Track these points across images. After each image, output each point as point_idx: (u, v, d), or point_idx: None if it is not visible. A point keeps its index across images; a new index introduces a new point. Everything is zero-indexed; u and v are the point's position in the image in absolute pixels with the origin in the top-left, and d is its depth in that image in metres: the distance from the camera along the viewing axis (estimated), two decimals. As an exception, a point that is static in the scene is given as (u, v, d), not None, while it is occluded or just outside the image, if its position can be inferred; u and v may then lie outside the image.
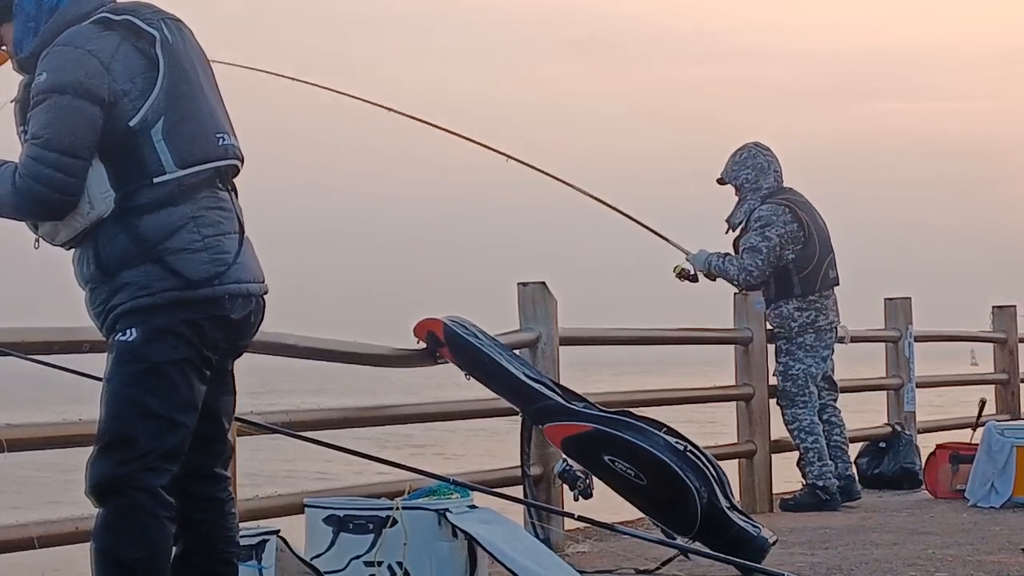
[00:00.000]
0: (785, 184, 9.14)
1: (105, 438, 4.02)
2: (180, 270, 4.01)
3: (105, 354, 4.16)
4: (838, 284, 9.23)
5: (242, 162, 4.23)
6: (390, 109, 8.08)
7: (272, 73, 7.80)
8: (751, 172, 9.03)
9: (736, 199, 9.11)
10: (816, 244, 9.04)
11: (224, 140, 4.15)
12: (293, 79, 7.86)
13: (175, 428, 4.03)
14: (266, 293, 4.24)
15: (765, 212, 8.94)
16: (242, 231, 4.18)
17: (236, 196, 4.24)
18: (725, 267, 8.98)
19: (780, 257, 8.96)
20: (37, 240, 4.20)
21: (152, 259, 4.00)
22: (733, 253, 9.08)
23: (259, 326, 4.27)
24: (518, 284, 7.66)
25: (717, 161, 9.26)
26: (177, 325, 4.02)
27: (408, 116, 8.19)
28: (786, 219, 8.93)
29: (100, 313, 4.10)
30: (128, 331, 4.02)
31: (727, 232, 9.14)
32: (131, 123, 4.00)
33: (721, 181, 9.15)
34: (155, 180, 4.02)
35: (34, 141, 3.99)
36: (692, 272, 9.08)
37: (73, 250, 4.16)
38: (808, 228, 8.98)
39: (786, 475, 9.80)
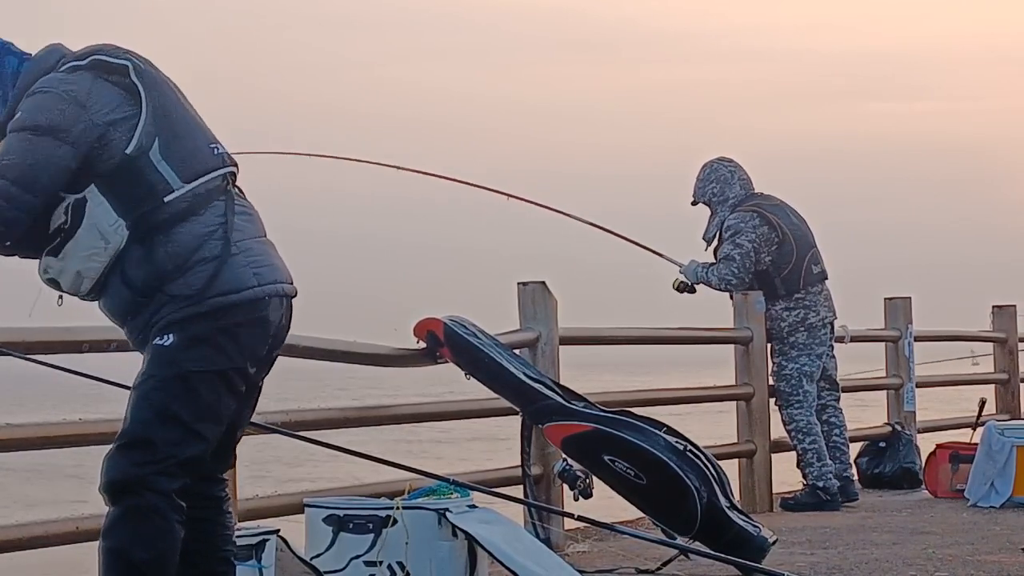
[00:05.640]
0: (757, 190, 9.21)
1: (125, 437, 4.03)
2: (219, 277, 4.01)
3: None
4: (825, 278, 9.25)
5: (237, 168, 4.24)
6: (399, 167, 8.38)
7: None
8: (716, 185, 9.12)
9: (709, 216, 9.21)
10: (792, 243, 9.08)
11: (218, 150, 4.17)
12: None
13: (196, 439, 4.03)
14: (296, 295, 4.25)
15: (733, 221, 9.01)
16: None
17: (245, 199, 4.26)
18: (708, 278, 9.07)
19: (757, 262, 9.01)
20: (60, 297, 4.19)
21: (189, 270, 4.00)
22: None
23: (288, 329, 4.28)
24: (518, 284, 7.67)
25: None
26: (216, 335, 4.01)
27: (420, 172, 8.47)
28: (755, 224, 8.99)
29: (143, 339, 4.09)
30: (166, 336, 4.02)
31: (706, 249, 9.21)
32: (127, 151, 4.01)
33: (694, 203, 9.23)
34: (165, 199, 4.02)
35: None
36: (690, 283, 9.15)
37: (96, 301, 4.15)
38: (781, 229, 9.03)
39: (786, 475, 9.80)
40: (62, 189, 4.01)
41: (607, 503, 7.02)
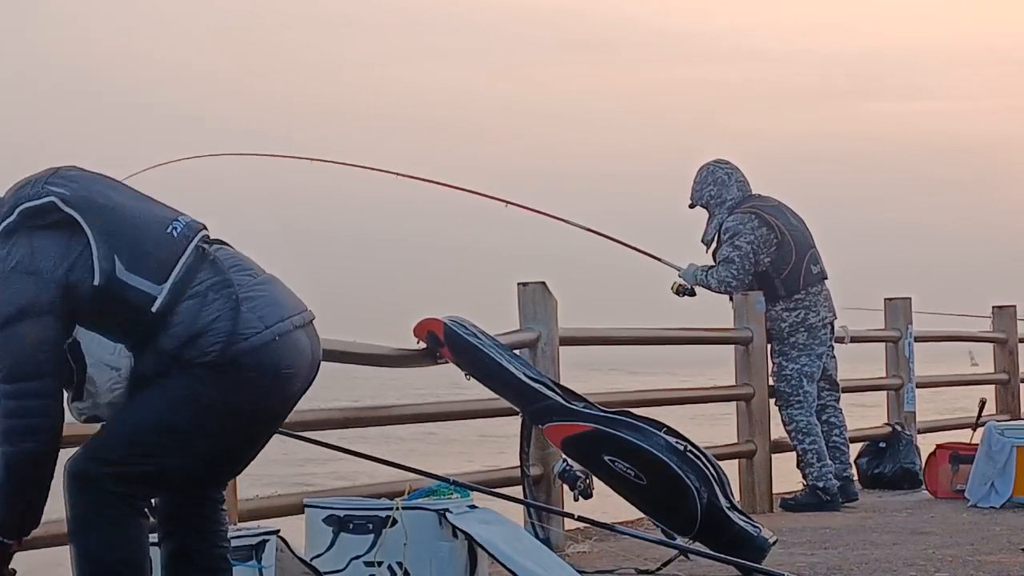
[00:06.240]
0: (755, 191, 9.21)
1: (105, 431, 4.06)
2: (225, 332, 3.98)
3: None
4: (825, 278, 9.25)
5: (205, 227, 4.16)
6: (398, 174, 8.42)
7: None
8: (713, 188, 9.12)
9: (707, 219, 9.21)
10: (791, 244, 9.07)
11: (177, 229, 4.08)
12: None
13: (166, 461, 4.03)
14: (310, 320, 4.21)
15: (731, 223, 9.01)
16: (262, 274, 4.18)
17: (230, 246, 4.23)
18: (708, 281, 9.07)
19: (756, 263, 9.01)
20: (103, 425, 4.16)
21: (199, 336, 3.97)
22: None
23: (320, 352, 4.24)
24: (518, 284, 7.66)
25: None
26: (222, 377, 3.98)
27: (422, 179, 8.51)
28: (753, 225, 8.99)
29: None
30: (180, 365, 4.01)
31: (706, 252, 9.21)
32: (96, 284, 3.95)
33: (692, 205, 9.24)
34: (153, 310, 3.97)
35: None
36: (689, 287, 9.15)
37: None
38: (779, 230, 9.03)
39: (786, 475, 9.81)
40: (65, 357, 3.98)
41: (607, 503, 7.02)
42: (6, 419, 3.95)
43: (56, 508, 4.21)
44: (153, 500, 4.22)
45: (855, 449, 10.22)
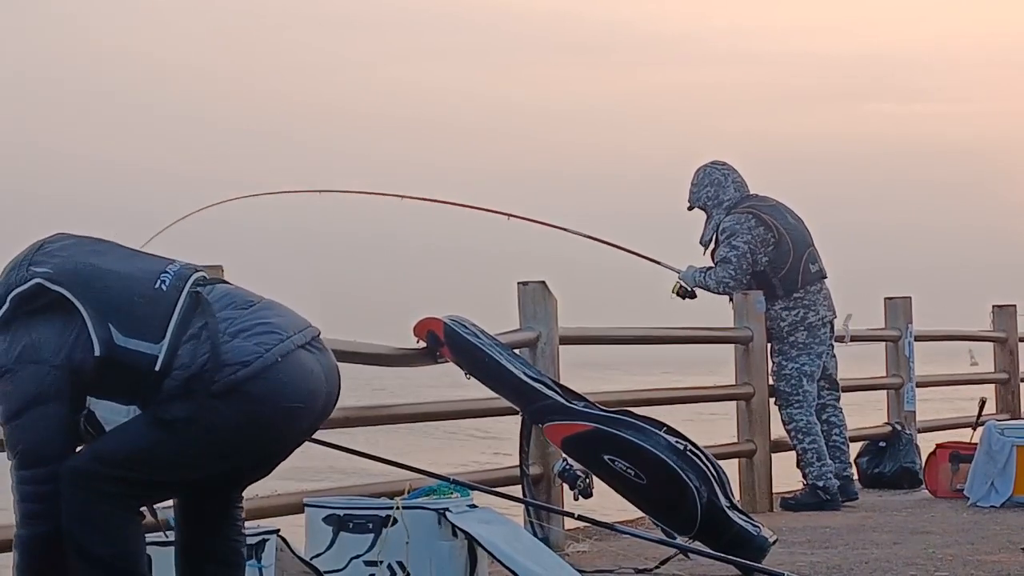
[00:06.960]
0: (753, 191, 9.21)
1: (107, 438, 4.05)
2: (224, 363, 3.97)
3: None
4: (824, 277, 9.26)
5: (199, 269, 4.15)
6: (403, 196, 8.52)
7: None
8: (710, 189, 9.13)
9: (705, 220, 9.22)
10: (789, 243, 9.08)
11: (166, 283, 4.06)
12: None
13: (154, 475, 4.03)
14: (315, 335, 4.19)
15: (728, 223, 9.02)
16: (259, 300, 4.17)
17: (226, 282, 4.22)
18: (706, 282, 9.07)
19: (754, 263, 9.01)
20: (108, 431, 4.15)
21: (199, 374, 3.96)
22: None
23: (332, 364, 4.23)
24: (518, 283, 7.67)
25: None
26: (228, 407, 3.97)
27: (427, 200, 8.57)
28: (750, 225, 8.99)
29: None
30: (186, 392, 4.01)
31: (704, 253, 9.22)
32: (97, 355, 3.95)
33: (690, 207, 9.25)
34: (156, 368, 3.97)
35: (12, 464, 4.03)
36: (689, 289, 9.15)
37: None
38: (776, 229, 9.03)
39: (786, 475, 9.81)
40: (77, 436, 4.03)
41: (607, 503, 7.02)
42: (22, 503, 4.01)
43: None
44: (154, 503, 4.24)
45: (855, 448, 10.22)
